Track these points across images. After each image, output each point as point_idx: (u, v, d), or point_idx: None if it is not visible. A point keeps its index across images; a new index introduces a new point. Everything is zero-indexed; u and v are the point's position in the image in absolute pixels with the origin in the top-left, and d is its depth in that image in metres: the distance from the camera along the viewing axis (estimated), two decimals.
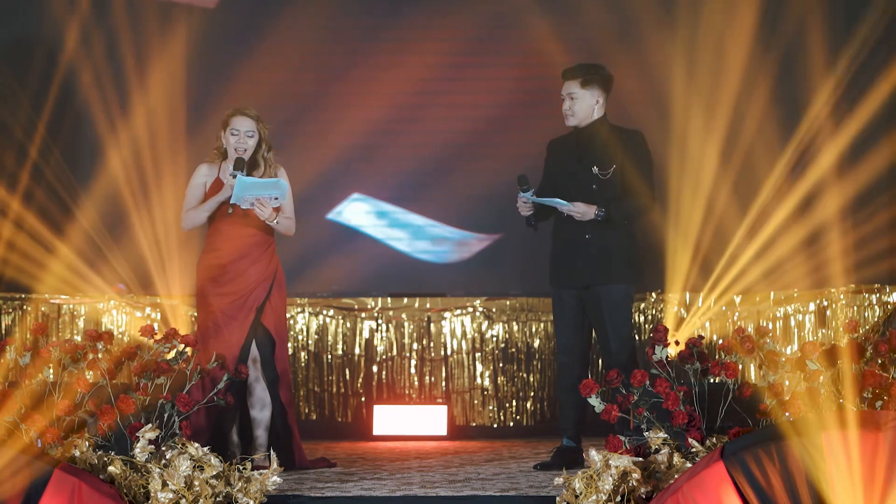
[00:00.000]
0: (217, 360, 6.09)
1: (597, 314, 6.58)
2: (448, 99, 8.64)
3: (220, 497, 5.35)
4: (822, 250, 8.15)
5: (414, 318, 8.61)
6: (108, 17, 8.41)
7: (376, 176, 8.67)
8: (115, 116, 8.32)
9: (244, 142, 6.52)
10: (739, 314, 8.38)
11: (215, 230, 6.57)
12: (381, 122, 8.62)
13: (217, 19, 8.67)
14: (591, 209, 6.52)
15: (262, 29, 8.58)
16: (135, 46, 8.39)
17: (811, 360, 5.52)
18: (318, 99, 8.67)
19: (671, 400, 5.50)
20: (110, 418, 5.50)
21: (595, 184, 6.57)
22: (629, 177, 6.58)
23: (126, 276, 8.25)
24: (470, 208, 8.71)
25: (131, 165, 8.34)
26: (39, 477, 5.00)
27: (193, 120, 8.43)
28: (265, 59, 8.54)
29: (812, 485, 4.71)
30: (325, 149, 8.52)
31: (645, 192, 6.60)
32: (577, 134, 6.67)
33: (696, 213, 8.23)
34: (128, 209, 8.31)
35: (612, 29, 8.48)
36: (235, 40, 8.63)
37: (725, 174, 8.21)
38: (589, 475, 5.24)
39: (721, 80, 8.28)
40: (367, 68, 8.68)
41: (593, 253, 6.55)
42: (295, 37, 8.63)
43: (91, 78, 8.31)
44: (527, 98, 8.60)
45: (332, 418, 8.55)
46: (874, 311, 8.33)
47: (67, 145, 8.42)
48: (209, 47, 8.61)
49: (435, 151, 8.61)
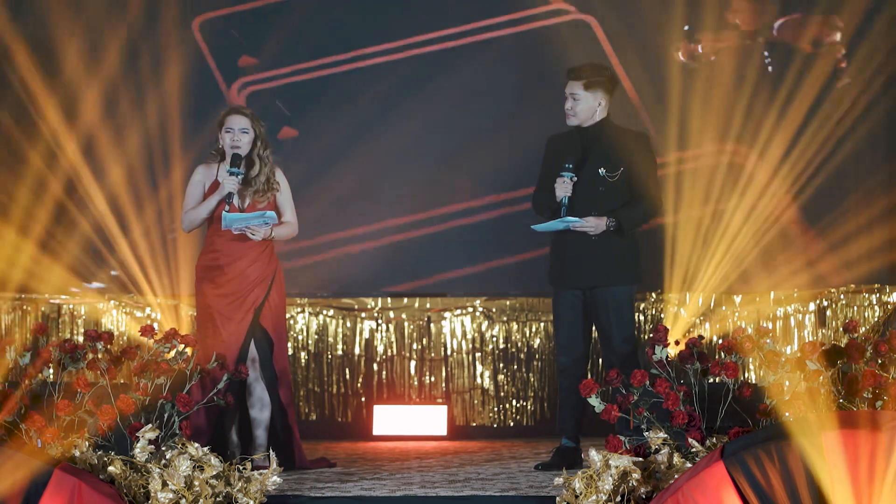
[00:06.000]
0: (217, 360, 6.10)
1: (601, 315, 6.58)
2: (448, 99, 8.63)
3: (220, 497, 5.35)
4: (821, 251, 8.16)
5: (414, 318, 8.61)
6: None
7: (376, 175, 8.65)
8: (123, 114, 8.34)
9: (238, 138, 6.53)
10: (739, 314, 8.37)
11: (214, 231, 6.58)
12: (381, 120, 8.61)
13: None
14: (601, 221, 6.49)
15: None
16: (148, 49, 8.40)
17: (811, 360, 5.52)
18: (318, 99, 8.66)
19: (671, 400, 5.50)
20: (110, 418, 5.50)
21: (602, 186, 6.55)
22: (637, 179, 6.55)
23: (124, 276, 8.24)
24: (471, 207, 8.70)
25: (132, 166, 8.35)
26: (39, 477, 5.00)
27: (194, 121, 8.43)
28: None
29: (812, 485, 4.71)
30: (326, 148, 8.51)
31: (653, 195, 6.59)
32: (580, 134, 6.65)
33: (695, 212, 8.23)
34: (127, 209, 8.32)
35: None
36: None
37: (726, 175, 8.20)
38: (589, 475, 5.24)
39: (721, 76, 8.27)
40: (370, 64, 8.67)
41: (598, 254, 6.54)
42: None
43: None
44: (527, 95, 8.59)
45: (332, 418, 8.54)
46: (874, 311, 8.33)
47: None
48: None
49: (435, 150, 8.60)
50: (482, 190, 8.54)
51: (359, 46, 8.63)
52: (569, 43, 8.25)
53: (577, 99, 6.60)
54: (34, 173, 8.20)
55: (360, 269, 8.55)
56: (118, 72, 8.31)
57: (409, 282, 8.67)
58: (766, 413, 5.49)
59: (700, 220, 8.12)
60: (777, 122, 8.08)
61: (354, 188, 8.52)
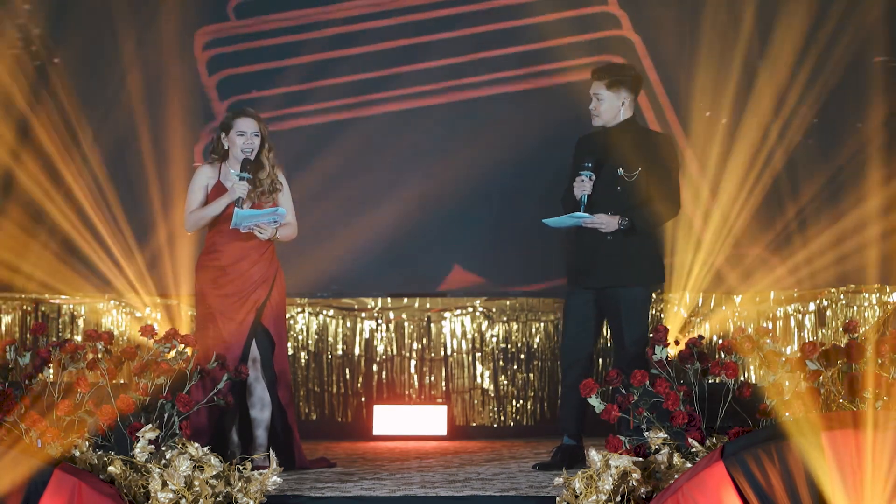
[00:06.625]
0: (217, 360, 6.10)
1: (612, 315, 6.57)
2: (447, 97, 8.64)
3: (220, 497, 5.35)
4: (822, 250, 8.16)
5: (414, 318, 8.61)
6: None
7: (376, 175, 8.65)
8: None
9: (251, 142, 6.52)
10: (739, 314, 8.37)
11: (216, 232, 6.58)
12: (380, 120, 8.61)
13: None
14: (613, 220, 6.48)
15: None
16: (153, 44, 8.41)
17: (811, 360, 5.52)
18: (318, 98, 8.66)
19: (671, 400, 5.50)
20: (110, 418, 5.50)
21: (619, 185, 6.54)
22: (654, 181, 6.54)
23: (126, 276, 8.24)
24: (471, 207, 8.69)
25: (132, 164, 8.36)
26: (39, 477, 5.00)
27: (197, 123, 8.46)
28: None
29: (812, 485, 4.71)
30: (326, 149, 8.51)
31: (669, 197, 6.56)
32: (604, 134, 6.65)
33: (696, 212, 8.23)
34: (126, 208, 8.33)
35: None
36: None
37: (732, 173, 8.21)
38: (589, 475, 5.24)
39: (725, 76, 8.26)
40: (374, 69, 8.67)
41: (612, 254, 6.53)
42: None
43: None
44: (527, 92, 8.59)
45: (332, 418, 8.55)
46: (874, 311, 8.33)
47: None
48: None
49: (436, 150, 8.60)
50: (482, 190, 8.54)
51: (360, 55, 8.65)
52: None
53: (600, 99, 6.59)
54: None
55: (360, 269, 8.55)
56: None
57: (408, 282, 8.67)
58: (766, 413, 5.49)
59: (692, 220, 8.15)
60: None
61: (355, 188, 8.53)
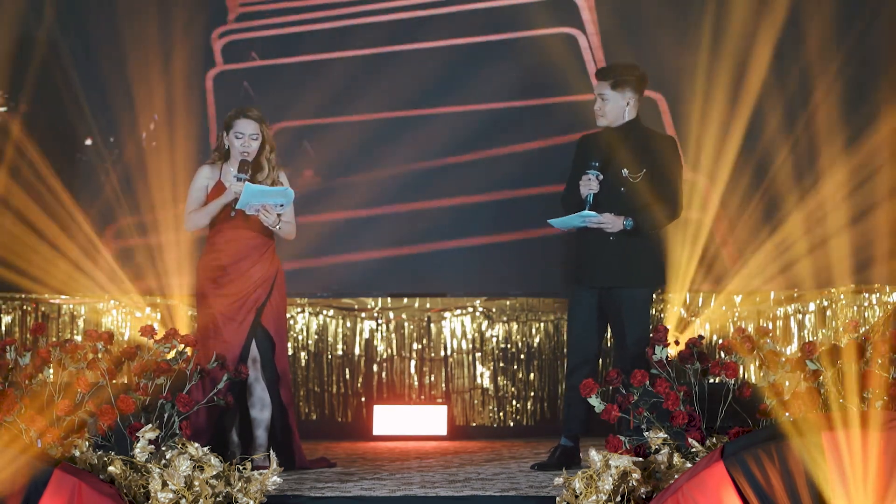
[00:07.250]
0: (217, 360, 6.10)
1: (615, 316, 6.57)
2: (447, 97, 8.63)
3: (220, 497, 5.35)
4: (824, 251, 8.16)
5: (414, 318, 8.60)
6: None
7: (377, 175, 8.65)
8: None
9: (248, 144, 6.51)
10: (739, 314, 8.37)
11: (217, 231, 6.58)
12: (381, 120, 8.61)
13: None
14: (618, 220, 6.49)
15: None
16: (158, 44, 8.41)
17: (811, 360, 5.53)
18: (319, 98, 8.66)
19: (671, 400, 5.50)
20: (110, 418, 5.50)
21: (624, 186, 6.55)
22: (659, 182, 6.55)
23: (123, 276, 8.24)
24: (470, 207, 8.69)
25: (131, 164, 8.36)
26: (39, 477, 5.00)
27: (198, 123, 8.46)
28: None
29: (812, 485, 4.71)
30: (326, 148, 8.51)
31: (673, 200, 6.57)
32: (608, 134, 6.65)
33: (697, 211, 8.23)
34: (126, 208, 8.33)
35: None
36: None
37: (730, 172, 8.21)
38: (589, 475, 5.24)
39: (725, 77, 8.26)
40: (372, 70, 8.67)
41: (615, 255, 6.53)
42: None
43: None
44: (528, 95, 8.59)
45: (332, 418, 8.54)
46: (874, 311, 8.33)
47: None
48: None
49: (436, 150, 8.60)
50: (482, 189, 8.54)
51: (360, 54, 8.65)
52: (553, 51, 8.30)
53: (605, 99, 6.59)
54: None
55: (360, 269, 8.55)
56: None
57: (409, 282, 8.67)
58: (766, 413, 5.49)
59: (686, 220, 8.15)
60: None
61: (355, 188, 8.53)
